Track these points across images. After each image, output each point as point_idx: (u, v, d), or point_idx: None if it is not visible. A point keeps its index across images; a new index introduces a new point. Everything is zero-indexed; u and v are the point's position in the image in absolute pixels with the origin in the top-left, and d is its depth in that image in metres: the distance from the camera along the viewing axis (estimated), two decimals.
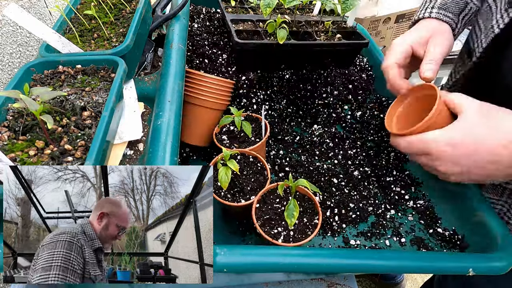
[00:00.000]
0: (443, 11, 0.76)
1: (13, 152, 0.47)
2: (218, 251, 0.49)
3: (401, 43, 0.72)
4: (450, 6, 0.77)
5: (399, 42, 0.73)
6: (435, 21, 0.76)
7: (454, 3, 0.77)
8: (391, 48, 0.74)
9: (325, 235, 0.70)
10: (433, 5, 0.77)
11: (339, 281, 0.70)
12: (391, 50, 0.73)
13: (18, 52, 0.97)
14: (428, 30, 0.74)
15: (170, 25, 0.81)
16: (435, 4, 0.77)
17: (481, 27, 0.73)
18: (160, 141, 0.55)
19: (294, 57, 0.91)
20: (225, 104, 0.82)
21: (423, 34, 0.73)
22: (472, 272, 0.55)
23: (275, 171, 0.80)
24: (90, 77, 0.59)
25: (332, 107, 0.95)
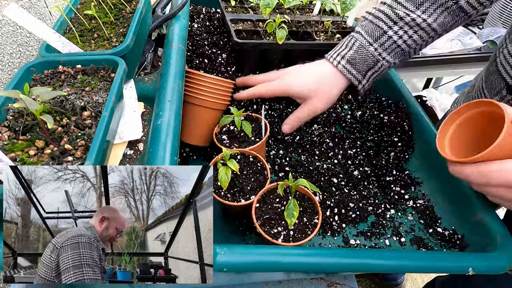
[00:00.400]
0: (349, 66, 0.75)
1: (13, 152, 0.47)
2: (218, 251, 0.49)
3: (283, 87, 0.76)
4: (358, 63, 0.75)
5: (284, 84, 0.76)
6: (337, 74, 0.76)
7: (363, 60, 0.74)
8: (279, 78, 0.78)
9: (325, 235, 0.70)
10: (344, 54, 0.75)
11: (339, 281, 0.70)
12: (274, 83, 0.77)
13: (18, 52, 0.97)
14: (318, 86, 0.75)
15: (170, 25, 0.81)
16: (346, 55, 0.75)
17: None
18: (160, 141, 0.55)
19: (293, 57, 0.91)
20: (225, 104, 0.82)
21: (305, 92, 0.75)
22: (472, 271, 0.55)
23: (275, 171, 0.80)
24: (90, 77, 0.60)
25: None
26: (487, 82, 0.78)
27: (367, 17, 0.76)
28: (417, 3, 0.71)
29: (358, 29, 0.76)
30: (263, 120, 0.77)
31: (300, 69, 0.79)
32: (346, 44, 0.76)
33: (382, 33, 0.73)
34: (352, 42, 0.75)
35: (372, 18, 0.75)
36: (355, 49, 0.74)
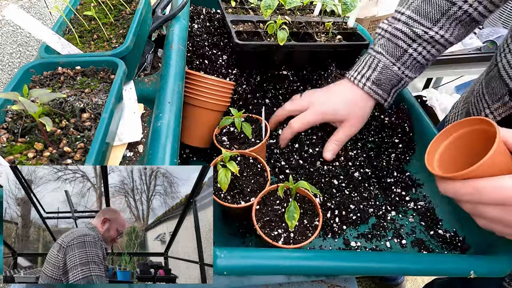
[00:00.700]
0: (375, 87, 0.77)
1: (11, 154, 0.47)
2: (218, 254, 0.49)
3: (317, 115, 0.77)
4: (383, 83, 0.77)
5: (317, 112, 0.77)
6: (365, 96, 0.78)
7: (388, 79, 0.76)
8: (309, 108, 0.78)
9: (325, 237, 0.70)
10: (369, 75, 0.76)
11: (340, 283, 0.70)
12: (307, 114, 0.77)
13: (18, 52, 0.97)
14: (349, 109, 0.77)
15: (170, 26, 0.80)
16: (371, 76, 0.76)
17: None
18: (160, 143, 0.55)
19: (294, 58, 0.91)
20: (225, 105, 0.81)
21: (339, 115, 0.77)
22: (473, 274, 0.55)
23: (275, 173, 0.80)
24: (89, 78, 0.59)
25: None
26: (488, 87, 0.78)
27: (384, 35, 0.78)
28: (433, 20, 0.72)
29: (378, 49, 0.77)
30: (264, 122, 0.77)
31: (328, 95, 0.79)
32: (368, 65, 0.77)
33: (403, 52, 0.75)
34: (375, 63, 0.77)
35: (389, 36, 0.76)
36: (379, 70, 0.76)
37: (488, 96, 0.77)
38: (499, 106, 0.72)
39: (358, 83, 0.77)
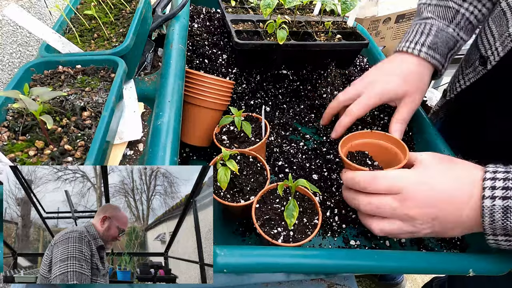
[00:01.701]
0: (432, 52, 0.73)
1: (13, 152, 0.47)
2: (218, 252, 0.49)
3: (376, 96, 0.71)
4: (440, 46, 0.73)
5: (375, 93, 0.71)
6: (422, 62, 0.73)
7: (445, 42, 0.73)
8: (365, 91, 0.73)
9: (325, 235, 0.70)
10: (423, 41, 0.73)
11: (339, 282, 0.70)
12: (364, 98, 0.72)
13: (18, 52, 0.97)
14: (408, 81, 0.72)
15: (170, 25, 0.81)
16: (426, 41, 0.73)
17: (494, 33, 0.69)
18: (160, 141, 0.55)
19: (294, 58, 0.91)
20: (225, 104, 0.82)
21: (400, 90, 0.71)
22: (472, 272, 0.55)
23: (275, 172, 0.80)
24: (90, 77, 0.59)
25: None
26: (465, 56, 0.79)
27: (430, 2, 0.75)
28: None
29: (427, 15, 0.75)
30: (263, 121, 0.77)
31: (382, 72, 0.75)
32: (421, 32, 0.74)
33: (455, 12, 0.73)
34: (428, 28, 0.73)
35: (437, 2, 0.74)
36: (433, 33, 0.73)
37: (464, 63, 0.78)
38: (470, 71, 0.73)
39: (413, 51, 0.73)
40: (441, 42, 0.73)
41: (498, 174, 0.49)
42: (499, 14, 0.68)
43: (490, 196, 0.48)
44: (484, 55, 0.70)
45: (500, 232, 0.49)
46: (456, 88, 0.78)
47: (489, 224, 0.49)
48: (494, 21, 0.69)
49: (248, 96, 0.93)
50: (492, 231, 0.50)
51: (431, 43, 0.72)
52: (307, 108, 0.96)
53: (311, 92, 0.96)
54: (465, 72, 0.76)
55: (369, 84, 0.73)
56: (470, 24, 0.74)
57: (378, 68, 0.76)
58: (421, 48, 0.73)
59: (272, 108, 0.94)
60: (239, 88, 0.90)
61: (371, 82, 0.73)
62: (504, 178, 0.49)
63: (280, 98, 0.96)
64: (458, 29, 0.74)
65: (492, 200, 0.48)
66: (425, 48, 0.72)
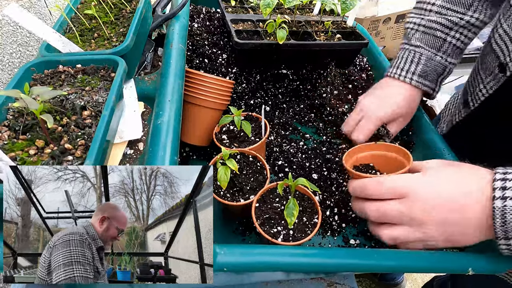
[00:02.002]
0: (422, 80, 0.77)
1: (13, 151, 0.47)
2: (218, 251, 0.49)
3: (375, 120, 0.75)
4: (430, 74, 0.78)
5: (374, 118, 0.75)
6: (413, 89, 0.78)
7: (434, 70, 0.78)
8: (364, 117, 0.77)
9: (324, 235, 0.70)
10: (414, 70, 0.78)
11: (339, 280, 0.70)
12: (364, 124, 0.76)
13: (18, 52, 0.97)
14: (402, 107, 0.77)
15: (170, 24, 0.81)
16: (416, 70, 0.77)
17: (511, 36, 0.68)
18: (160, 141, 0.55)
19: (294, 57, 0.91)
20: (225, 103, 0.82)
21: (396, 112, 0.77)
22: (472, 271, 0.55)
23: (275, 171, 0.80)
24: (90, 76, 0.60)
25: (332, 106, 0.95)
26: (482, 64, 0.79)
27: (418, 29, 0.79)
28: (467, 5, 0.74)
29: (416, 43, 0.79)
30: (263, 120, 0.77)
31: (377, 99, 0.79)
32: (410, 60, 0.79)
33: (443, 41, 0.77)
34: (417, 57, 0.78)
35: (424, 29, 0.78)
36: (423, 63, 0.77)
37: (483, 71, 0.78)
38: (491, 79, 0.73)
39: (405, 79, 0.78)
40: (430, 70, 0.78)
41: (508, 175, 0.48)
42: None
43: (501, 197, 0.47)
44: (503, 62, 0.69)
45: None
46: (480, 97, 0.76)
47: (500, 226, 0.47)
48: (508, 22, 0.68)
49: (248, 96, 0.93)
50: (504, 234, 0.48)
51: (421, 72, 0.77)
52: (307, 107, 0.96)
53: (311, 92, 0.96)
54: (485, 81, 0.75)
55: (368, 109, 0.77)
56: (458, 49, 0.78)
57: (375, 93, 0.81)
58: (412, 77, 0.78)
59: (272, 107, 0.95)
60: (239, 88, 0.91)
61: (370, 108, 0.78)
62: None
63: (280, 98, 0.96)
64: (446, 55, 0.78)
65: (503, 201, 0.46)
66: (415, 76, 0.77)
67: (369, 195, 0.56)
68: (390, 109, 0.76)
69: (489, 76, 0.74)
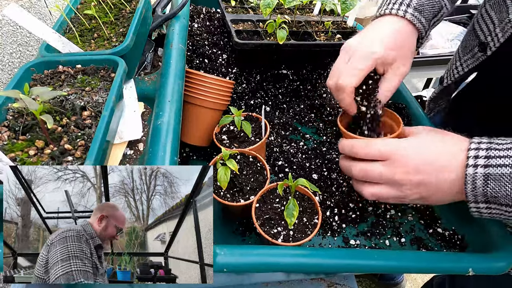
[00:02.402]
0: (418, 14, 0.67)
1: (13, 152, 0.47)
2: (218, 251, 0.49)
3: (366, 57, 0.63)
4: (426, 9, 0.68)
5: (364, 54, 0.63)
6: (407, 25, 0.66)
7: (430, 6, 0.68)
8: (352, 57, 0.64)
9: (325, 235, 0.70)
10: (409, 2, 0.66)
11: (339, 281, 0.70)
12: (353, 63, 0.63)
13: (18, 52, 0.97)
14: (397, 44, 0.65)
15: (170, 25, 0.81)
16: (412, 2, 0.66)
17: (494, 19, 0.69)
18: (160, 141, 0.55)
19: (294, 57, 0.91)
20: (225, 104, 0.82)
21: (390, 53, 0.64)
22: (472, 272, 0.55)
23: (275, 171, 0.80)
24: (90, 77, 0.60)
25: (332, 106, 0.95)
26: (462, 43, 0.79)
27: None
28: None
29: None
30: (263, 120, 0.77)
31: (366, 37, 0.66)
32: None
33: None
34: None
35: None
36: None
37: (462, 49, 0.78)
38: (468, 57, 0.74)
39: (398, 12, 0.66)
40: (427, 4, 0.67)
41: (482, 144, 0.52)
42: (498, 1, 0.68)
43: (473, 165, 0.51)
44: (484, 41, 0.70)
45: (481, 199, 0.51)
46: (454, 75, 0.78)
47: (471, 191, 0.52)
48: (493, 8, 0.70)
49: (248, 96, 0.93)
50: (474, 198, 0.52)
51: (418, 5, 0.66)
52: (307, 108, 0.96)
53: (311, 92, 0.96)
54: (463, 59, 0.76)
55: (357, 47, 0.65)
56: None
57: (366, 31, 0.68)
58: (406, 9, 0.66)
59: (272, 108, 0.95)
60: (239, 88, 0.91)
61: (359, 45, 0.65)
62: (487, 148, 0.52)
63: (280, 98, 0.96)
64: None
65: (474, 168, 0.51)
66: (410, 9, 0.66)
67: (355, 154, 0.60)
68: (382, 44, 0.64)
69: (467, 54, 0.75)
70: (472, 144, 0.53)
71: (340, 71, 0.65)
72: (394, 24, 0.66)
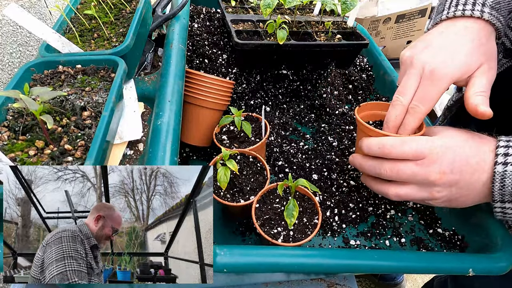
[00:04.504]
0: (495, 13, 0.57)
1: (13, 152, 0.47)
2: (218, 251, 0.49)
3: (441, 79, 0.54)
4: (502, 7, 0.59)
5: (442, 74, 0.54)
6: (486, 26, 0.57)
7: (506, 3, 0.60)
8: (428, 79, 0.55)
9: (325, 235, 0.70)
10: (483, 1, 0.58)
11: (339, 281, 0.70)
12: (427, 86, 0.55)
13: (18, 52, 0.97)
14: (478, 51, 0.55)
15: (170, 25, 0.81)
16: (486, 1, 0.58)
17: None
18: (160, 141, 0.55)
19: (294, 58, 0.91)
20: (225, 104, 0.82)
21: (471, 64, 0.55)
22: (472, 272, 0.55)
23: (275, 171, 0.80)
24: (90, 77, 0.60)
25: (332, 107, 0.95)
26: None
27: None
28: None
29: None
30: (263, 120, 0.77)
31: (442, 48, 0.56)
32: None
33: None
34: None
35: None
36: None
37: None
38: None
39: (473, 13, 0.57)
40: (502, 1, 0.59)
41: (511, 142, 0.51)
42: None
43: (502, 162, 0.50)
44: (510, 47, 0.67)
45: (509, 198, 0.50)
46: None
47: (498, 189, 0.50)
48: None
49: (248, 96, 0.93)
50: (501, 198, 0.51)
51: (493, 2, 0.58)
52: (307, 108, 0.96)
53: (311, 92, 0.96)
54: None
55: (431, 65, 0.55)
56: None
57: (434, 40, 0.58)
58: (483, 9, 0.57)
59: (272, 108, 0.95)
60: (239, 88, 0.91)
61: (434, 63, 0.55)
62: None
63: (280, 98, 0.96)
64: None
65: (504, 166, 0.50)
66: (487, 8, 0.57)
67: (387, 153, 0.55)
68: (462, 60, 0.54)
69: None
70: (500, 142, 0.52)
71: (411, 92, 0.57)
72: (470, 30, 0.57)
